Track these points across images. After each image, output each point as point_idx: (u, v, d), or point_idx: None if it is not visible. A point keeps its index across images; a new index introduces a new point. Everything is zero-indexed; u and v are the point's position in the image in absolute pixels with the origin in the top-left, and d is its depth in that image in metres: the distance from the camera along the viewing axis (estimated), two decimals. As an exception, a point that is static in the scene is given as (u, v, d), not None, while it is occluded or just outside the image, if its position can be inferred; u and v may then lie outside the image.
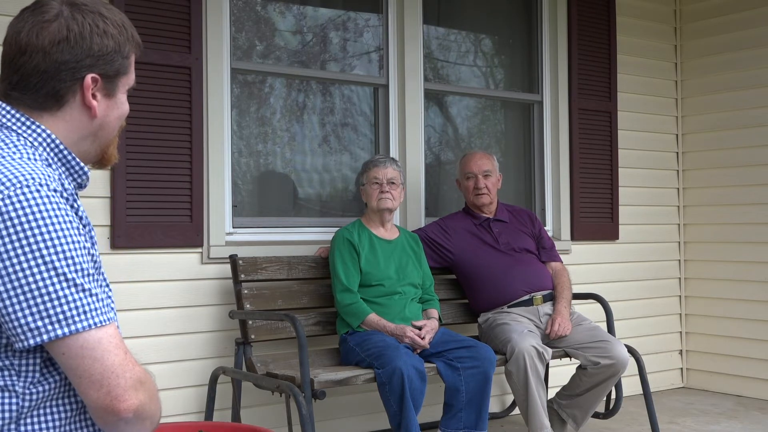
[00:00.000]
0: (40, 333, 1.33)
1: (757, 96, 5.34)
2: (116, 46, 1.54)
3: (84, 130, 1.55)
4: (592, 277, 5.16)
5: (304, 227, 4.36)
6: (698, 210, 5.67)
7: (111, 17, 1.55)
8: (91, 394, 1.36)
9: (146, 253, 3.79)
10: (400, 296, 3.95)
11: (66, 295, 1.34)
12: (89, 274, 1.38)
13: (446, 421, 3.74)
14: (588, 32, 5.25)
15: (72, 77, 1.50)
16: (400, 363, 3.48)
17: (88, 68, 1.51)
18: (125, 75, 1.58)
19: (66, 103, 1.52)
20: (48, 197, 1.37)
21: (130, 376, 1.37)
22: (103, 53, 1.52)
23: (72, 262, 1.36)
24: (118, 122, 1.60)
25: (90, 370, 1.35)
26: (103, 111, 1.56)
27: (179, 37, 3.84)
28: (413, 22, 4.63)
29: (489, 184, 4.35)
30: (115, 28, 1.54)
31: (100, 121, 1.56)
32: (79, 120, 1.54)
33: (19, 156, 1.43)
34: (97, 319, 1.36)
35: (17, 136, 1.48)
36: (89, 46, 1.50)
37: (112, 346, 1.37)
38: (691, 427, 4.68)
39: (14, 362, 1.40)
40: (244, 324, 3.81)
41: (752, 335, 5.34)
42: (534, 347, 3.84)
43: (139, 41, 1.61)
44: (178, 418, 3.78)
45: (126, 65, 1.57)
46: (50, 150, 1.51)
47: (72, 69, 1.50)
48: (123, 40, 1.55)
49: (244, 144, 4.28)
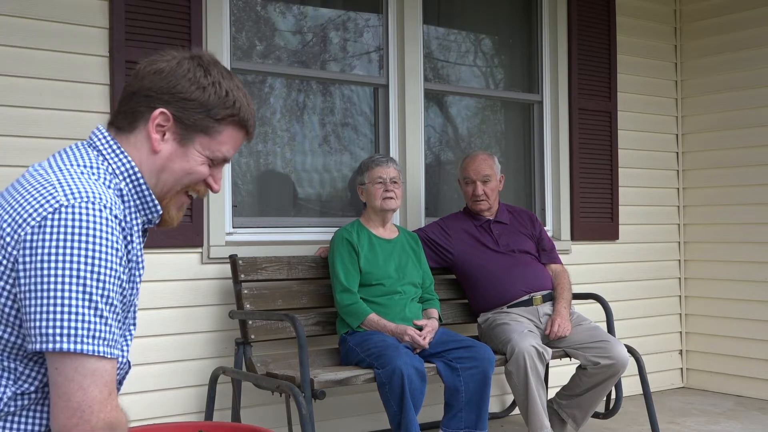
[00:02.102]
0: (47, 341, 1.35)
1: (757, 96, 5.34)
2: (205, 100, 1.55)
3: (147, 163, 1.56)
4: (592, 277, 5.16)
5: (304, 227, 4.36)
6: (698, 210, 5.67)
7: (217, 78, 1.57)
8: (60, 418, 1.36)
9: (146, 253, 3.74)
10: (401, 296, 3.95)
11: (84, 313, 1.36)
12: (113, 304, 1.40)
13: (447, 421, 3.75)
14: (588, 32, 5.25)
15: (147, 104, 1.54)
16: (400, 363, 3.48)
17: (164, 103, 1.54)
18: (207, 136, 1.58)
19: (137, 127, 1.55)
20: (106, 219, 1.40)
21: (104, 417, 1.37)
22: (185, 98, 1.54)
23: (101, 286, 1.38)
24: (182, 175, 1.60)
25: (71, 395, 1.36)
26: (167, 152, 1.57)
27: (179, 37, 3.83)
28: (413, 22, 4.63)
29: (488, 190, 4.34)
30: (213, 87, 1.56)
31: (162, 162, 1.57)
32: (142, 150, 1.56)
33: (96, 178, 1.48)
34: (101, 348, 1.37)
35: (103, 160, 1.53)
36: (175, 84, 1.54)
37: (102, 382, 1.37)
38: (691, 427, 4.68)
39: (18, 367, 1.42)
40: (244, 324, 3.81)
41: (752, 335, 5.34)
42: (534, 347, 3.84)
43: (245, 120, 1.61)
44: (178, 418, 3.78)
45: (209, 125, 1.57)
46: (130, 180, 1.54)
47: (150, 97, 1.54)
48: (217, 101, 1.56)
49: (243, 144, 4.27)
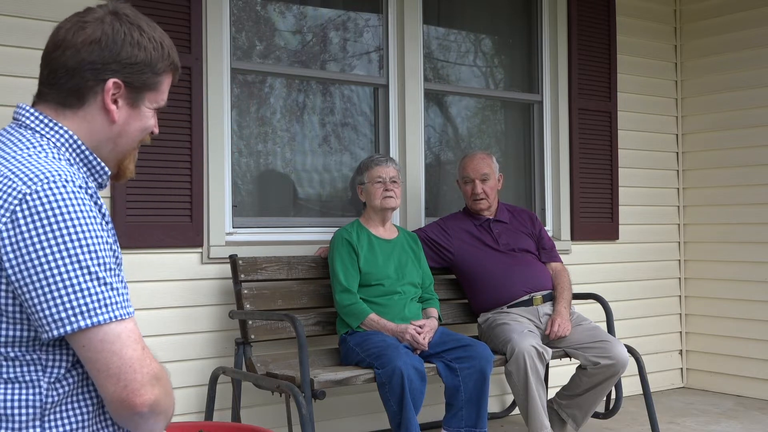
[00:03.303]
0: (64, 324, 1.36)
1: (757, 96, 5.34)
2: (147, 59, 1.57)
3: (103, 134, 1.58)
4: (592, 277, 5.16)
5: (304, 227, 4.36)
6: (698, 210, 5.67)
7: (149, 32, 1.59)
8: (109, 388, 1.39)
9: (146, 253, 3.79)
10: (400, 296, 3.95)
11: (89, 287, 1.37)
12: (111, 268, 1.42)
13: (448, 420, 3.76)
14: (588, 32, 5.25)
15: (95, 77, 1.54)
16: (400, 363, 3.48)
17: (113, 73, 1.55)
18: (153, 90, 1.61)
19: (87, 102, 1.56)
20: (74, 193, 1.41)
21: (147, 371, 1.41)
22: (132, 62, 1.55)
23: (96, 256, 1.39)
24: (138, 134, 1.63)
25: (108, 364, 1.38)
26: (124, 119, 1.59)
27: (179, 37, 3.84)
28: (413, 22, 4.63)
29: (487, 188, 4.34)
30: (150, 43, 1.58)
31: (120, 129, 1.59)
32: (98, 122, 1.57)
33: (45, 155, 1.48)
34: (117, 312, 1.40)
35: (41, 137, 1.53)
36: (118, 51, 1.54)
37: (131, 341, 1.41)
38: (691, 427, 4.68)
39: (42, 356, 1.43)
40: (244, 324, 3.81)
41: (752, 335, 5.34)
42: (534, 347, 3.84)
43: (177, 64, 1.65)
44: (178, 418, 3.77)
45: (155, 81, 1.60)
46: (72, 150, 1.54)
47: (96, 69, 1.54)
48: (157, 56, 1.59)
49: (244, 144, 4.28)
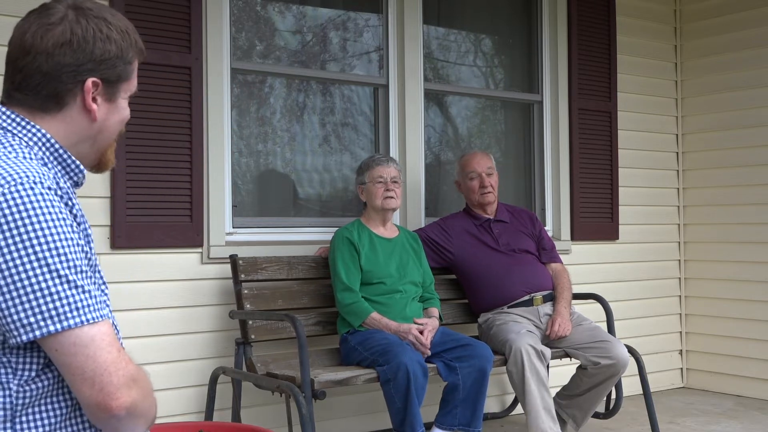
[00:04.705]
0: (33, 329, 1.34)
1: (757, 96, 5.34)
2: (119, 51, 1.56)
3: (83, 133, 1.57)
4: (592, 277, 5.16)
5: (304, 227, 4.36)
6: (698, 210, 5.67)
7: (115, 23, 1.57)
8: (84, 391, 1.37)
9: (146, 253, 3.79)
10: (401, 295, 3.95)
11: (58, 291, 1.35)
12: (82, 270, 1.39)
13: (442, 417, 3.77)
14: (588, 32, 5.25)
15: (73, 80, 1.52)
16: (405, 359, 3.50)
17: (90, 72, 1.53)
18: (127, 80, 1.60)
19: (66, 105, 1.54)
20: (42, 194, 1.38)
21: (123, 373, 1.38)
22: (105, 58, 1.54)
23: (65, 259, 1.37)
24: (117, 127, 1.62)
25: (83, 367, 1.36)
26: (104, 115, 1.58)
27: (179, 37, 3.84)
28: (413, 22, 4.63)
29: (492, 182, 4.35)
30: (118, 34, 1.56)
31: (100, 125, 1.58)
32: (78, 123, 1.56)
33: (15, 155, 1.45)
34: (89, 316, 1.37)
35: (13, 136, 1.50)
36: (92, 50, 1.53)
37: (105, 344, 1.38)
38: (691, 427, 4.68)
39: (11, 359, 1.41)
40: (244, 324, 3.81)
41: (752, 335, 5.34)
42: (531, 346, 3.84)
43: (142, 47, 1.63)
44: (178, 418, 3.78)
45: (128, 71, 1.59)
46: (45, 149, 1.52)
47: (73, 72, 1.52)
48: (126, 45, 1.57)
49: (244, 144, 4.28)
